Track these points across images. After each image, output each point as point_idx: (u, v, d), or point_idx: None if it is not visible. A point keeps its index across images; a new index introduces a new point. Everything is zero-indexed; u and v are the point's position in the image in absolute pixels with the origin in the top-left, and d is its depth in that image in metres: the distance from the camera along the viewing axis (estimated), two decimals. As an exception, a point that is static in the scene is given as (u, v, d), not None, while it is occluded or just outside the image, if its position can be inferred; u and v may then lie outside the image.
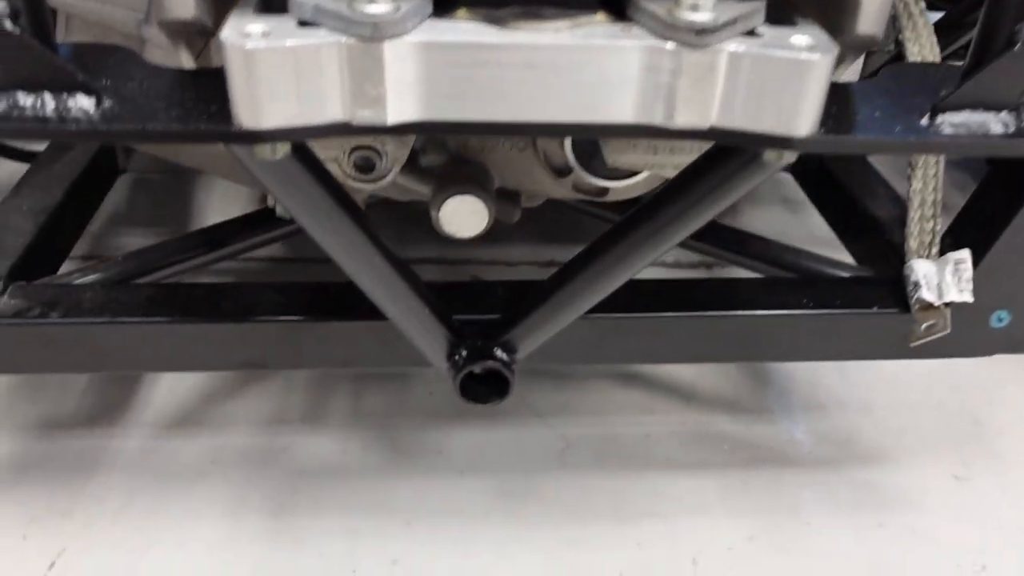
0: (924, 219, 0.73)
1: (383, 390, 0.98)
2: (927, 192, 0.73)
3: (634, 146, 0.57)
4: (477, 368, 0.65)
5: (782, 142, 0.43)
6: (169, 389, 0.97)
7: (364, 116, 0.41)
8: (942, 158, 0.72)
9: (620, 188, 0.64)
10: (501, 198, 0.69)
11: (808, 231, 1.24)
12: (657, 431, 0.94)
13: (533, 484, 0.87)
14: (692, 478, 0.88)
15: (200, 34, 0.44)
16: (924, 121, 0.45)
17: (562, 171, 0.64)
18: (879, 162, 0.97)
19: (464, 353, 0.64)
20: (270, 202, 0.67)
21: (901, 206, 0.80)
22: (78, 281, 0.70)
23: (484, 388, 0.67)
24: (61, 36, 0.65)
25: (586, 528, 0.83)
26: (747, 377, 1.02)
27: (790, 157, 0.45)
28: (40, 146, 0.92)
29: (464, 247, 1.21)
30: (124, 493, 0.84)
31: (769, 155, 0.45)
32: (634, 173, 0.64)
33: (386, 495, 0.85)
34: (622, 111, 0.42)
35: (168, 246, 0.79)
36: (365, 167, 0.59)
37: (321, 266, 0.62)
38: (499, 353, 0.64)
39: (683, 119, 0.42)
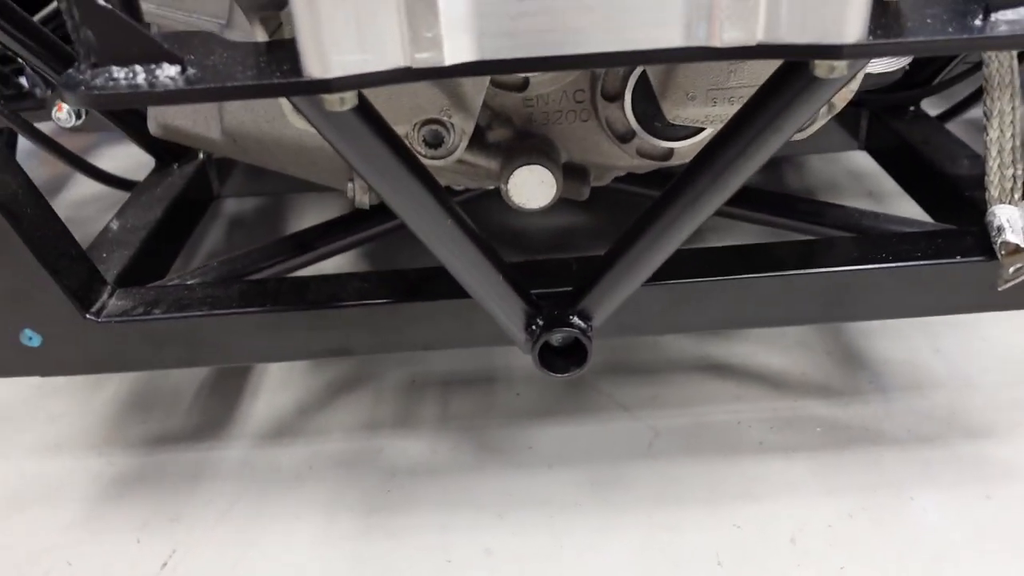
0: (1003, 167, 0.71)
1: (470, 394, 0.99)
2: (1004, 139, 0.71)
3: (692, 98, 0.58)
4: (555, 337, 0.65)
5: (831, 51, 0.43)
6: (267, 404, 1.01)
7: (422, 59, 0.44)
8: (1018, 102, 0.71)
9: (684, 148, 0.65)
10: (569, 175, 0.70)
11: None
12: (748, 418, 0.92)
13: (623, 473, 0.87)
14: (786, 460, 0.86)
15: (274, 5, 0.47)
16: (978, 21, 0.45)
17: (625, 137, 0.65)
18: (961, 131, 0.96)
19: (541, 322, 0.65)
20: (352, 194, 0.70)
21: (982, 165, 0.78)
22: (177, 282, 0.75)
23: (563, 361, 0.68)
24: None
25: (679, 512, 0.81)
26: (838, 362, 0.99)
27: (842, 69, 0.45)
28: (140, 176, 0.99)
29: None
30: (227, 498, 0.88)
31: (820, 68, 0.45)
32: (696, 133, 0.64)
33: (477, 490, 0.86)
34: (671, 34, 0.44)
35: (260, 251, 0.84)
36: (434, 142, 0.62)
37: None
38: (575, 320, 0.65)
39: (729, 36, 0.43)
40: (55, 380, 1.07)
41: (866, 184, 1.34)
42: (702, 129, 0.64)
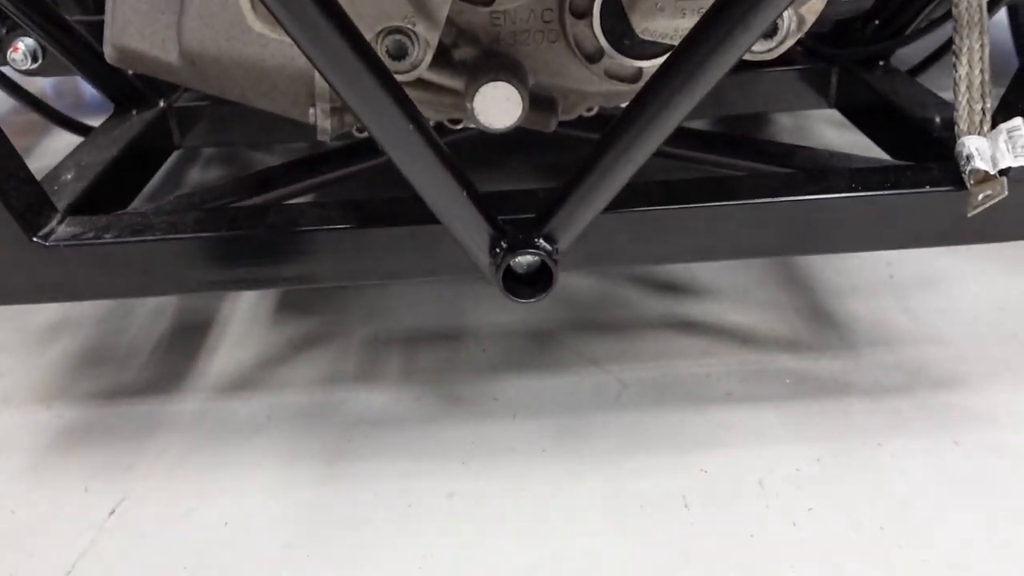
0: (972, 101, 0.71)
1: (435, 350, 0.97)
2: (973, 75, 0.71)
3: (661, 9, 0.57)
4: (520, 260, 0.64)
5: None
6: (226, 358, 0.98)
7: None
8: (986, 39, 0.71)
9: (653, 68, 0.64)
10: (536, 104, 0.69)
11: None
12: (717, 371, 0.91)
13: (590, 423, 0.85)
14: (754, 410, 0.85)
15: None
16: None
17: (594, 56, 0.64)
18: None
19: (505, 245, 0.64)
20: (314, 119, 0.68)
21: (951, 109, 0.78)
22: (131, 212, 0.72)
23: (528, 288, 0.66)
24: None
25: (647, 459, 0.80)
26: (808, 319, 0.99)
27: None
28: (97, 122, 0.96)
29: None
30: (182, 449, 0.85)
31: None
32: (666, 51, 0.63)
33: (440, 439, 0.84)
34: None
35: (218, 188, 0.81)
36: (398, 53, 0.60)
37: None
38: (540, 242, 0.63)
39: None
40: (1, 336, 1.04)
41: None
42: (672, 48, 0.63)
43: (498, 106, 0.63)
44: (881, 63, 0.96)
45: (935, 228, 0.68)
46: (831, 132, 1.41)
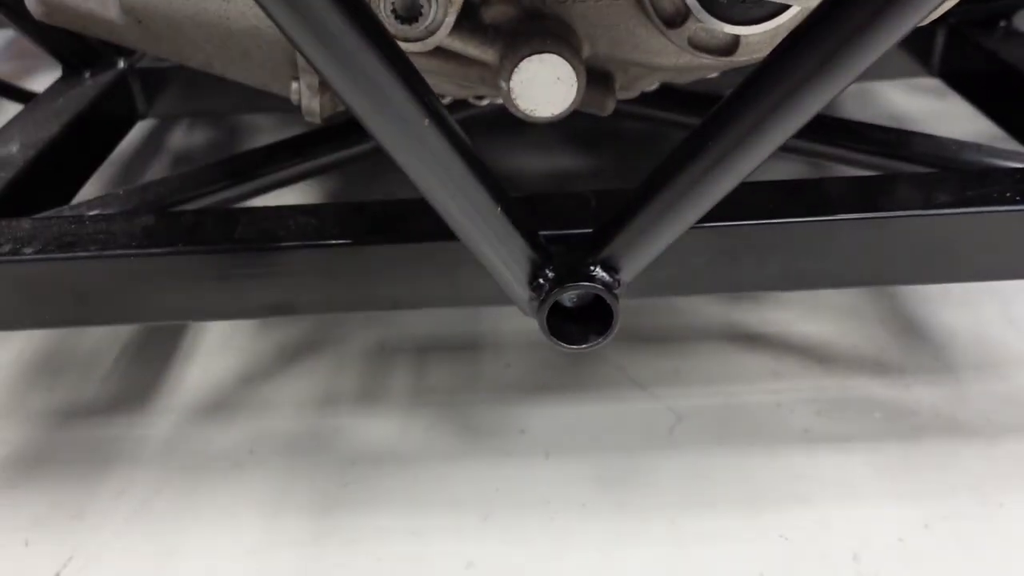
0: None
1: (450, 364, 0.82)
2: None
3: (780, -44, 0.40)
4: (569, 295, 0.48)
5: None
6: (203, 370, 0.83)
7: None
8: None
9: (757, 37, 0.47)
10: (590, 80, 0.52)
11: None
12: (789, 399, 0.75)
13: (639, 467, 0.70)
14: (840, 453, 0.70)
15: None
16: None
17: (674, 19, 0.47)
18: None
19: (551, 274, 0.48)
20: (297, 97, 0.52)
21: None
22: (64, 215, 0.56)
23: (579, 328, 0.50)
24: None
25: (711, 519, 0.65)
26: (895, 333, 0.83)
27: None
28: (41, 88, 0.80)
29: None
30: (145, 489, 0.70)
31: None
32: (775, 14, 0.46)
33: (456, 485, 0.69)
34: None
35: (183, 178, 0.65)
36: (408, 14, 0.43)
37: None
38: (597, 272, 0.47)
39: None
40: (-55, 337, 0.89)
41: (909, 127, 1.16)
42: (785, 8, 0.46)
43: (545, 87, 0.46)
44: (1002, 23, 0.79)
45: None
46: (900, 98, 1.23)
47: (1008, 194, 0.51)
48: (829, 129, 0.69)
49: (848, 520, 0.64)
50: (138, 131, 1.23)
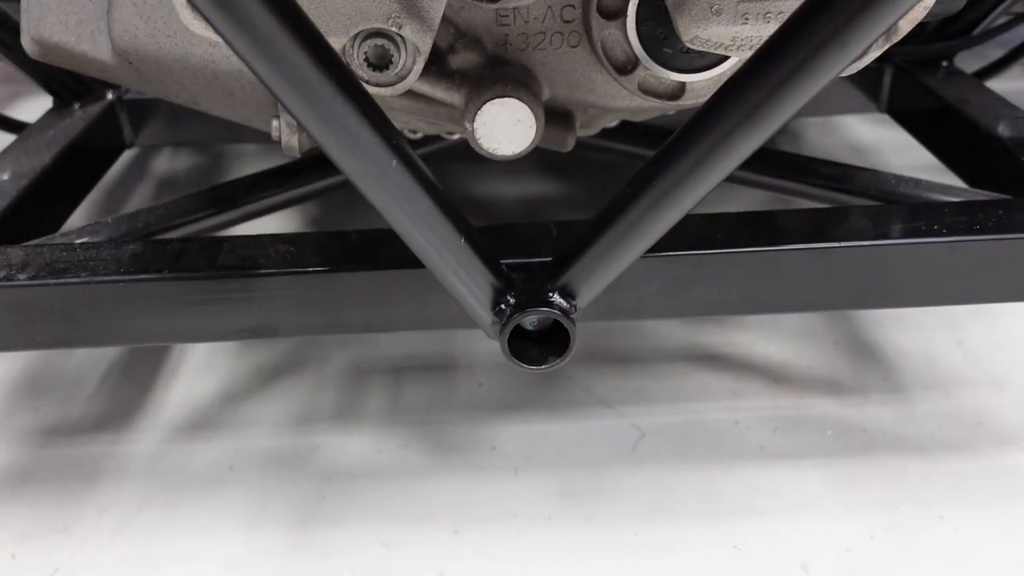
0: (1079, 123, 0.58)
1: (424, 383, 0.85)
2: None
3: (717, 12, 0.44)
4: (529, 318, 0.52)
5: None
6: (186, 390, 0.86)
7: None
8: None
9: (700, 83, 0.51)
10: (551, 120, 0.56)
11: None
12: (747, 417, 0.79)
13: (603, 481, 0.73)
14: (793, 469, 0.74)
15: None
16: None
17: (625, 67, 0.51)
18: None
19: (512, 300, 0.51)
20: (277, 134, 0.55)
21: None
22: (55, 242, 0.59)
23: (538, 350, 0.54)
24: None
25: (669, 530, 0.68)
26: (849, 354, 0.87)
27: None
28: (33, 117, 0.83)
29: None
30: (129, 505, 0.73)
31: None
32: (717, 63, 0.51)
33: (429, 500, 0.72)
34: None
35: (168, 207, 0.69)
36: (379, 62, 0.47)
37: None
38: (555, 298, 0.51)
39: None
40: (-66, 358, 0.91)
41: (870, 158, 1.22)
42: (726, 58, 0.50)
43: (506, 128, 0.50)
44: (944, 64, 0.84)
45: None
46: (864, 129, 1.28)
47: (939, 227, 0.56)
48: (779, 164, 0.74)
49: (799, 531, 0.68)
50: (124, 159, 1.27)
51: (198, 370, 0.88)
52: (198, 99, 0.59)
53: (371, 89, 0.49)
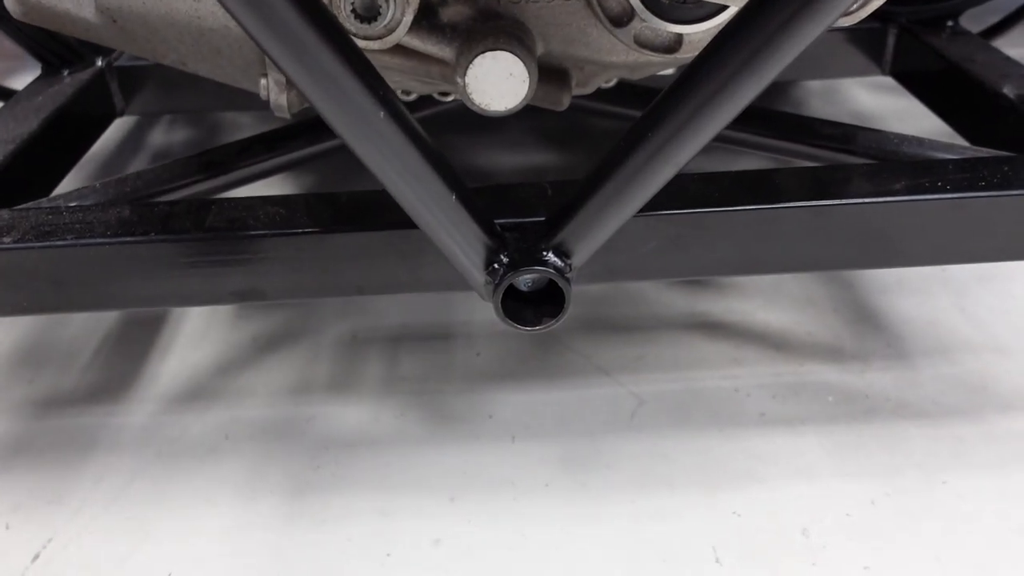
0: (1087, 77, 0.57)
1: (422, 353, 0.84)
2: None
3: (715, -43, 0.43)
4: (523, 278, 0.51)
5: None
6: (180, 361, 0.85)
7: None
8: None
9: (699, 35, 0.50)
10: (545, 76, 0.55)
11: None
12: (747, 384, 0.78)
13: (601, 449, 0.73)
14: (793, 435, 0.73)
15: None
16: None
17: (621, 19, 0.50)
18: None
19: (506, 259, 0.50)
20: (266, 93, 0.54)
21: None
22: (42, 206, 0.58)
23: (533, 311, 0.53)
24: None
25: (668, 498, 0.68)
26: (850, 321, 0.86)
27: None
28: (19, 85, 0.82)
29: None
30: (123, 475, 0.72)
31: None
32: (715, 14, 0.49)
33: (425, 468, 0.71)
34: None
35: (157, 172, 0.67)
36: (368, 14, 0.46)
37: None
38: (549, 257, 0.50)
39: None
40: (-73, 330, 0.91)
41: (873, 124, 1.20)
42: (723, 8, 0.49)
43: (498, 83, 0.49)
44: (949, 23, 0.82)
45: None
46: (868, 96, 1.27)
47: (942, 183, 0.54)
48: (779, 124, 0.72)
49: (799, 497, 0.67)
50: (117, 128, 1.25)
51: (193, 340, 0.88)
52: (185, 59, 0.58)
53: (359, 42, 0.48)
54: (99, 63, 0.83)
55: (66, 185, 0.80)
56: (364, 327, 0.88)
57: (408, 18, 0.47)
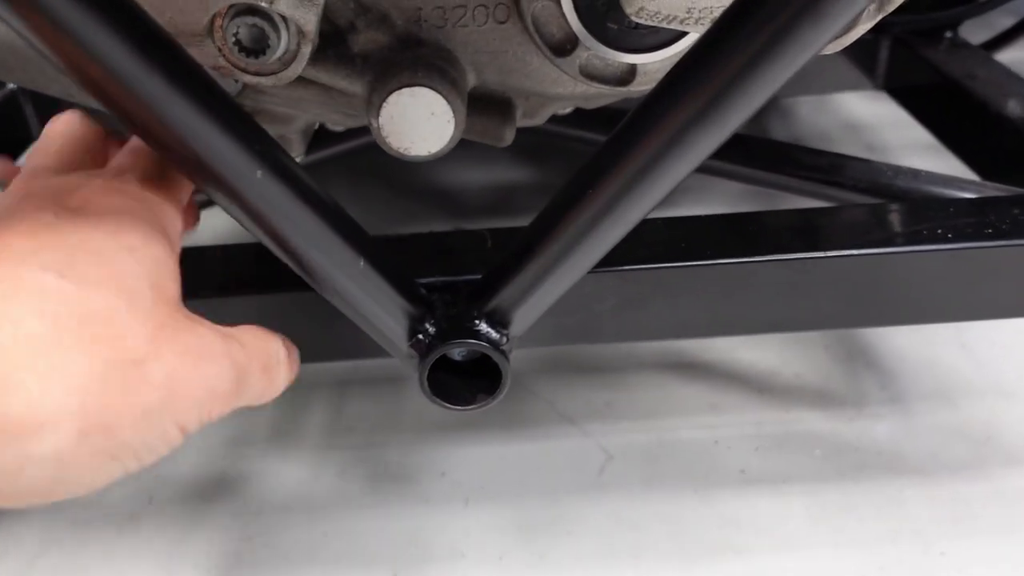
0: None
1: (371, 399, 0.77)
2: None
3: (668, -20, 0.36)
4: (452, 351, 0.43)
5: None
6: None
7: None
8: None
9: (653, 65, 0.42)
10: (484, 108, 0.47)
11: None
12: (727, 435, 0.71)
13: (564, 513, 0.65)
14: (776, 496, 0.66)
15: None
16: None
17: (563, 47, 0.42)
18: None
19: (431, 329, 0.43)
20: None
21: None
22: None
23: (466, 385, 0.46)
24: None
25: (637, 573, 0.60)
26: (840, 360, 0.78)
27: None
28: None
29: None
30: (29, 549, 0.65)
31: None
32: (672, 41, 0.42)
33: (368, 537, 0.64)
34: None
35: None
36: (254, 45, 0.38)
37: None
38: (482, 327, 0.43)
39: None
40: None
41: (864, 137, 1.12)
42: (682, 35, 0.42)
43: (418, 123, 0.41)
44: (948, 34, 0.74)
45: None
46: (862, 106, 1.19)
47: (943, 231, 0.47)
48: (760, 153, 0.65)
49: (782, 571, 0.60)
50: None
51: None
52: (70, 90, 0.50)
53: (250, 79, 0.40)
54: (11, 86, 0.76)
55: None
56: (310, 369, 0.81)
57: (306, 50, 0.39)
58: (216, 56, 0.39)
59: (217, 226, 0.80)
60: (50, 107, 0.77)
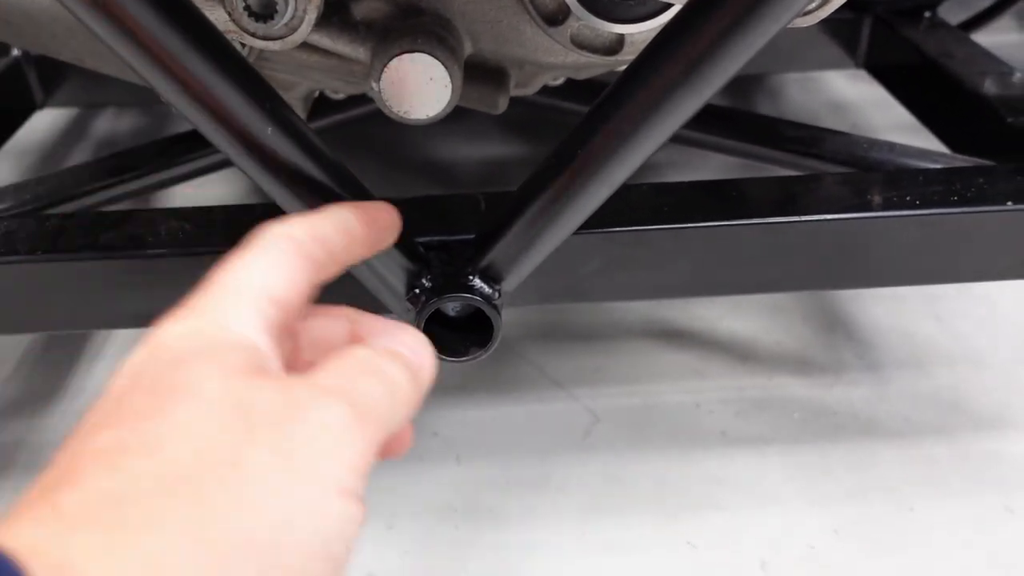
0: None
1: (366, 363, 0.79)
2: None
3: (654, -49, 0.38)
4: (447, 304, 0.46)
5: None
6: (108, 374, 0.80)
7: None
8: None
9: (642, 35, 0.45)
10: (480, 77, 0.50)
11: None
12: (709, 399, 0.74)
13: (551, 471, 0.68)
14: (755, 456, 0.69)
15: None
16: None
17: (555, 17, 0.45)
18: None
19: (428, 284, 0.45)
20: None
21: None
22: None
23: (460, 339, 0.48)
24: None
25: (620, 526, 0.63)
26: (820, 330, 0.81)
27: None
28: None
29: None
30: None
31: None
32: (659, 12, 0.44)
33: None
34: None
35: (59, 177, 0.62)
36: (263, 11, 0.41)
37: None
38: (476, 282, 0.45)
39: None
40: None
41: (849, 116, 1.15)
42: (668, 7, 0.44)
43: (417, 88, 0.44)
44: (927, 14, 0.77)
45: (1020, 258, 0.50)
46: (847, 85, 1.22)
47: (912, 198, 0.50)
48: (742, 125, 0.67)
49: (759, 526, 0.63)
50: (45, 121, 1.18)
51: (126, 350, 0.82)
52: (82, 56, 0.52)
53: (258, 43, 0.42)
54: (15, 52, 0.77)
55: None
56: (307, 334, 0.83)
57: (312, 15, 0.41)
58: (226, 20, 0.41)
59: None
60: (54, 76, 0.78)
